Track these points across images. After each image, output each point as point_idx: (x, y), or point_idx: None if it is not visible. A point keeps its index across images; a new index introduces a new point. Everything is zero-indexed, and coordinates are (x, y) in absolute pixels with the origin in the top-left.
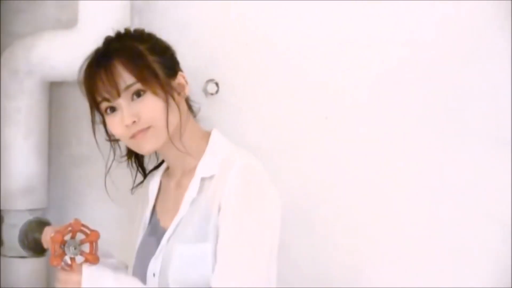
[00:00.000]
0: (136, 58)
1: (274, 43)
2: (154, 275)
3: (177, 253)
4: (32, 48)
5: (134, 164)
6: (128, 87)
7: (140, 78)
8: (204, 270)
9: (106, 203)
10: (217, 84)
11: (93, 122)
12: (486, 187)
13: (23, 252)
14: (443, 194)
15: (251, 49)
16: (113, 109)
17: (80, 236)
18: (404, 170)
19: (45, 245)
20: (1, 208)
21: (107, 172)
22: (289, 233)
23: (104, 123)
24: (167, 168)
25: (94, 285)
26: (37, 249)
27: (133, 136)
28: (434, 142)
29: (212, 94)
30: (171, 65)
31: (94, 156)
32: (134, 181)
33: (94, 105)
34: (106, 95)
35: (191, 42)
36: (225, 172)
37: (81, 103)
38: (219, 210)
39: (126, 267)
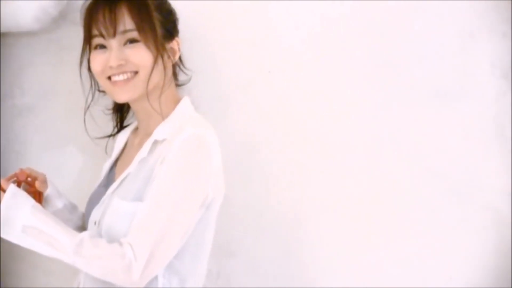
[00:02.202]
0: (143, 8)
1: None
2: (95, 223)
3: (113, 207)
4: None
5: (115, 116)
6: (125, 31)
7: (139, 28)
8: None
9: (49, 153)
10: None
11: (82, 54)
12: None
13: None
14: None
15: (198, 3)
16: (102, 47)
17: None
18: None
19: None
20: None
21: (87, 109)
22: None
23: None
24: (137, 128)
25: (11, 208)
26: None
27: (112, 82)
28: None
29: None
30: (171, 29)
31: (38, 107)
32: (115, 130)
33: (88, 37)
34: (103, 31)
35: None
36: (173, 138)
37: (25, 54)
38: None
39: (77, 211)
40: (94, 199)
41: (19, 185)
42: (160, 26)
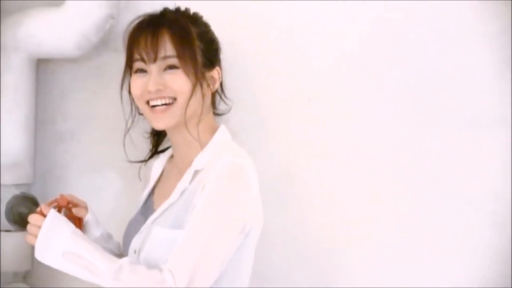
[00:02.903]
0: (184, 36)
1: (258, 25)
2: (135, 252)
3: (153, 235)
4: (19, 25)
5: (152, 140)
6: (165, 57)
7: (179, 55)
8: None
9: (89, 179)
10: None
11: (124, 77)
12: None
13: (9, 226)
14: (436, 182)
15: (235, 30)
16: (143, 71)
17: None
18: (393, 154)
19: None
20: None
21: (127, 132)
22: (269, 212)
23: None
24: (172, 155)
25: (51, 233)
26: (22, 223)
27: (151, 108)
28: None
29: None
30: (211, 57)
31: (79, 132)
32: (149, 155)
33: (129, 61)
34: (144, 56)
35: None
36: (211, 166)
37: (67, 80)
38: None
39: (112, 241)
40: (133, 227)
41: (59, 211)
42: (201, 54)
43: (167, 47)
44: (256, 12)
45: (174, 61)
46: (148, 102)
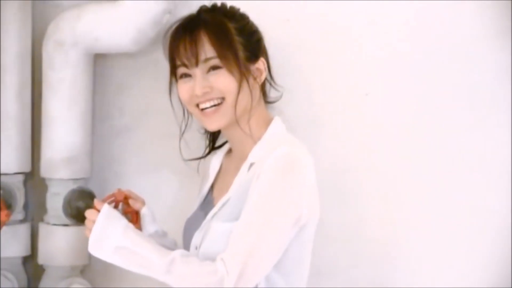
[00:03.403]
0: (222, 34)
1: (315, 19)
2: (196, 248)
3: (212, 229)
4: (78, 20)
5: (208, 136)
6: (207, 60)
7: (220, 55)
8: None
9: (146, 174)
10: None
11: (170, 83)
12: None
13: (66, 220)
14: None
15: (292, 25)
16: (187, 76)
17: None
18: (453, 150)
19: None
20: (45, 176)
21: (181, 136)
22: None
23: None
24: (230, 150)
25: (104, 228)
26: (79, 218)
27: (201, 110)
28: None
29: None
30: (254, 50)
31: (136, 127)
32: (206, 151)
33: (173, 67)
34: (185, 61)
35: None
36: (265, 159)
37: (124, 75)
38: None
39: (167, 238)
40: (194, 223)
41: (116, 205)
42: (242, 49)
43: (207, 49)
44: (313, 5)
45: (216, 61)
46: (197, 105)
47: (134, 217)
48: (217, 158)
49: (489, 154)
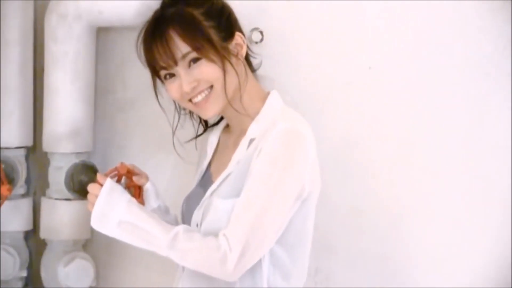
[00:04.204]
0: (191, 26)
1: None
2: (197, 225)
3: (213, 206)
4: None
5: (195, 116)
6: (184, 56)
7: (195, 47)
8: None
9: (149, 148)
10: (261, 32)
11: (155, 86)
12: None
13: (69, 195)
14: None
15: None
16: (172, 75)
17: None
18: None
19: None
20: (48, 150)
21: (174, 132)
22: (330, 182)
23: None
24: (227, 125)
25: (107, 202)
26: (82, 192)
27: (194, 103)
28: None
29: (256, 42)
30: (228, 27)
31: (139, 101)
32: (196, 133)
33: (154, 73)
34: (164, 64)
35: None
36: (267, 133)
37: (127, 49)
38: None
39: (170, 214)
40: (193, 200)
41: (119, 179)
42: (215, 32)
43: (180, 46)
44: None
45: (194, 54)
46: (190, 100)
47: (136, 191)
48: (214, 134)
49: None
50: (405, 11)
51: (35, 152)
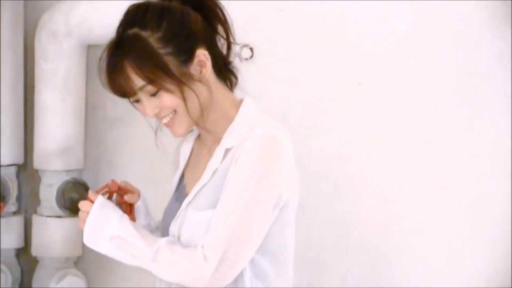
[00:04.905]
0: (146, 58)
1: (309, 9)
2: (174, 237)
3: (190, 219)
4: (71, 10)
5: None
6: (141, 88)
7: (150, 81)
8: None
9: (140, 164)
10: (251, 49)
11: (131, 102)
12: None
13: (60, 212)
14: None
15: (286, 14)
16: (137, 100)
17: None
18: (445, 138)
19: None
20: (39, 168)
21: (156, 133)
22: (320, 196)
23: None
24: (199, 135)
25: (98, 219)
26: (73, 209)
27: (164, 123)
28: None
29: (246, 59)
30: (187, 47)
31: (128, 118)
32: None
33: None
34: (124, 95)
35: (224, 6)
36: (244, 141)
37: None
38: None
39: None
40: (169, 213)
41: (110, 196)
42: (173, 59)
43: (135, 80)
44: None
45: (150, 88)
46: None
47: (128, 208)
48: (187, 143)
49: (484, 143)
50: (396, 25)
51: (26, 169)
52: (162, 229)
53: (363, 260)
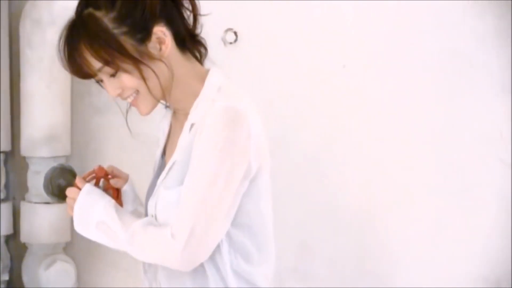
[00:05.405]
0: (101, 39)
1: None
2: (152, 216)
3: (161, 198)
4: None
5: None
6: (99, 70)
7: (107, 62)
8: None
9: (126, 150)
10: (235, 33)
11: (97, 82)
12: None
13: (48, 198)
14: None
15: None
16: (101, 80)
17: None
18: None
19: None
20: (26, 155)
21: (126, 114)
22: (307, 182)
23: None
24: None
25: (86, 206)
26: (61, 195)
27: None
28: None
29: (230, 43)
30: (143, 25)
31: (115, 105)
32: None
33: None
34: (85, 77)
35: None
36: (206, 116)
37: None
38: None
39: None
40: (149, 192)
41: (97, 182)
42: (129, 38)
43: (92, 62)
44: None
45: (108, 69)
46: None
47: (114, 193)
48: (166, 119)
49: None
50: (381, 9)
51: (13, 156)
52: (145, 209)
53: (351, 244)
